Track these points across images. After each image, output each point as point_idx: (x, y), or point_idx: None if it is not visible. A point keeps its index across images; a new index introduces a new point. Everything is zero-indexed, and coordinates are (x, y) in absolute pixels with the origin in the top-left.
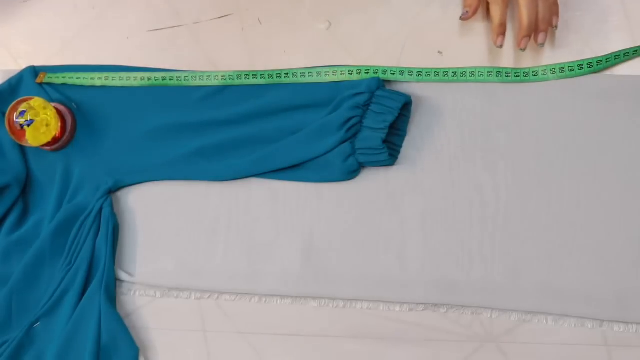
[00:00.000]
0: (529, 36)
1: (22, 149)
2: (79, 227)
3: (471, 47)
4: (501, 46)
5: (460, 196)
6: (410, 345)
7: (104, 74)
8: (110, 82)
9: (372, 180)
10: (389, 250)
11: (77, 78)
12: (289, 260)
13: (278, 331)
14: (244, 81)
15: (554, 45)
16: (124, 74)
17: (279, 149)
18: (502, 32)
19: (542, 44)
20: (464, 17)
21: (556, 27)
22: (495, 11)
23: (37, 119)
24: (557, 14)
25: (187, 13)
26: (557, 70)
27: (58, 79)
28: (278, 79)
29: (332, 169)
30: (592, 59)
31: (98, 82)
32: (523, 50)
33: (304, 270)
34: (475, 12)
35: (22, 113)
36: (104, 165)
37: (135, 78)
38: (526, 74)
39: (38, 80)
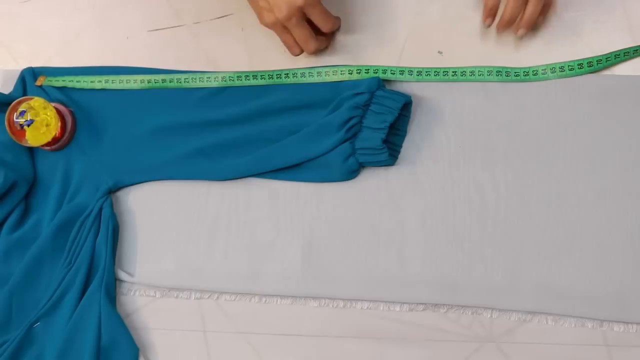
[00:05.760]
0: (507, 28)
1: (31, 149)
2: (79, 227)
3: (471, 47)
4: (489, 26)
5: (460, 196)
6: (410, 345)
7: (104, 77)
8: (110, 85)
9: (372, 180)
10: (389, 250)
11: (77, 81)
12: (289, 260)
13: (278, 331)
14: (244, 82)
15: (554, 45)
16: (123, 77)
17: (279, 148)
18: (492, 15)
19: (521, 37)
20: (487, 23)
21: (528, 29)
22: None
23: (37, 119)
24: (545, 13)
25: (187, 13)
26: (557, 69)
27: (58, 82)
28: (278, 79)
29: (332, 169)
30: (592, 58)
31: (98, 85)
32: (487, 27)
33: (304, 270)
34: (495, 9)
35: (22, 113)
36: (104, 165)
37: (135, 81)
38: (526, 73)
39: (38, 83)
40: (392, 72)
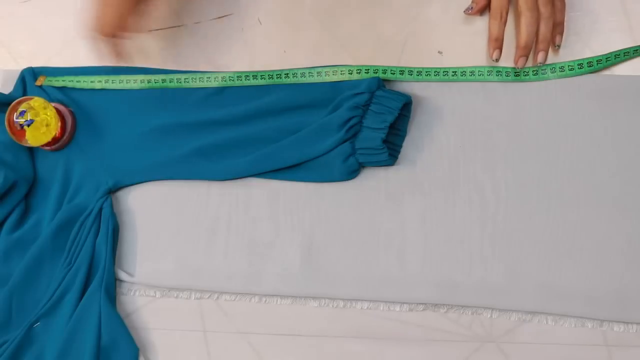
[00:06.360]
0: (526, 55)
1: (31, 149)
2: (79, 227)
3: (471, 47)
4: (497, 60)
5: (460, 196)
6: (410, 345)
7: (104, 77)
8: (110, 85)
9: (372, 180)
10: (389, 250)
11: (77, 81)
12: (289, 260)
13: (278, 331)
14: (244, 82)
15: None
16: (123, 77)
17: (279, 148)
18: (498, 47)
19: (541, 63)
20: (468, 12)
21: (558, 46)
22: (493, 26)
23: (37, 119)
24: (561, 33)
25: (187, 13)
26: (557, 69)
27: (58, 82)
28: (278, 79)
29: (332, 169)
30: (592, 57)
31: (98, 85)
32: (519, 68)
33: (304, 270)
34: (480, 10)
35: (22, 113)
36: (104, 165)
37: (135, 81)
38: (526, 73)
39: (38, 83)
40: (392, 72)
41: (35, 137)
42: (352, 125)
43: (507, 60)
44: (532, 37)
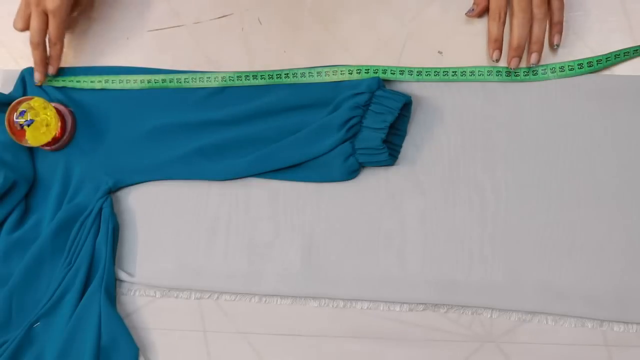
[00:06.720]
0: (519, 56)
1: (31, 149)
2: (79, 227)
3: (471, 47)
4: (497, 60)
5: (460, 196)
6: (410, 345)
7: (104, 77)
8: (110, 85)
9: (372, 180)
10: (389, 250)
11: (77, 81)
12: (289, 260)
13: (278, 331)
14: (244, 82)
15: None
16: (123, 77)
17: (279, 148)
18: (498, 47)
19: (534, 64)
20: (469, 14)
21: (557, 45)
22: (492, 27)
23: (37, 119)
24: (560, 32)
25: (187, 13)
26: (557, 69)
27: (58, 82)
28: (278, 79)
29: (332, 169)
30: (592, 57)
31: (98, 85)
32: (512, 69)
33: (304, 270)
34: (481, 12)
35: (22, 113)
36: (104, 165)
37: (135, 81)
38: (526, 73)
39: (38, 83)
40: (392, 72)
41: (35, 137)
42: (352, 125)
43: (505, 59)
44: (524, 38)
